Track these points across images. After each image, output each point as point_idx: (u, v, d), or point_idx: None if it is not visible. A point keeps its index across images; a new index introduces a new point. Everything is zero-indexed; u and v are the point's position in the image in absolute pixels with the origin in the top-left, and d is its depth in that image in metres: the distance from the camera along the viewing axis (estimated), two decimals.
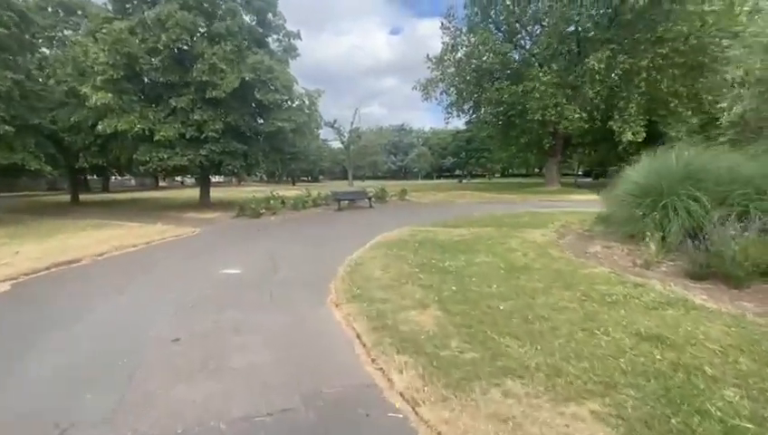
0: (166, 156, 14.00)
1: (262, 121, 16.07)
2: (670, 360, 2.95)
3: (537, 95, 21.96)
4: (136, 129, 13.40)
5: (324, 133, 61.02)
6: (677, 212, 5.71)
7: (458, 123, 37.30)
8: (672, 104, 21.12)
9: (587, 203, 18.17)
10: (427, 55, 29.72)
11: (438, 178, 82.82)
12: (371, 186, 25.56)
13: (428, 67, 30.22)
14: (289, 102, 16.52)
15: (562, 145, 28.17)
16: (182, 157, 14.26)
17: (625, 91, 21.52)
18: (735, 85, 20.01)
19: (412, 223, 11.28)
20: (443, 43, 28.89)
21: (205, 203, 18.02)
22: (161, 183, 49.57)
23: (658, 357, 2.99)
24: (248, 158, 15.89)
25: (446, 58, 29.16)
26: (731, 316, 3.64)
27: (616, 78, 21.42)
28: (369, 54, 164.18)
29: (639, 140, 21.44)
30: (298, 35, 16.48)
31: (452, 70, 28.91)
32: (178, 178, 48.42)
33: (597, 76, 20.91)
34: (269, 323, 4.21)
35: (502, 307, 4.14)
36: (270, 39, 16.86)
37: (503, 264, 5.96)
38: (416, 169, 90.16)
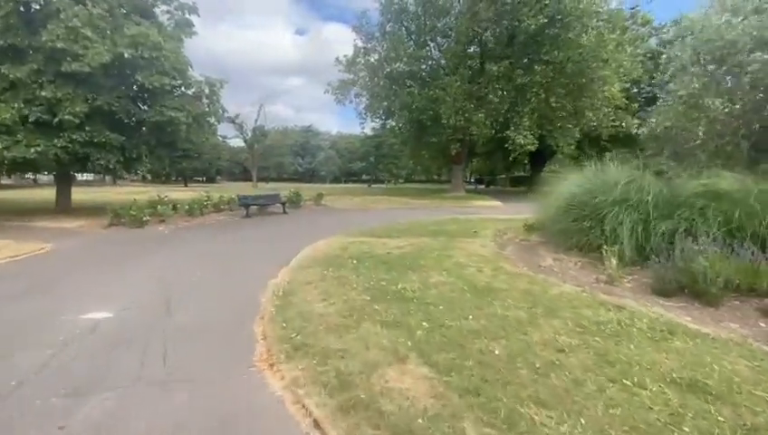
0: (0, 145, 10.26)
1: (146, 108, 13.04)
2: (733, 420, 2.34)
3: (449, 99, 22.56)
4: None
5: (223, 129, 55.36)
6: (631, 225, 5.61)
7: (374, 127, 36.96)
8: (559, 120, 23.68)
9: (495, 209, 19.16)
10: (337, 58, 28.78)
11: (346, 182, 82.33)
12: (278, 188, 23.45)
13: (339, 70, 29.29)
14: (183, 89, 13.79)
15: (467, 152, 29.74)
16: (27, 148, 10.63)
17: (520, 105, 23.44)
18: (603, 104, 23.67)
19: (337, 232, 10.04)
20: (355, 45, 28.27)
21: (64, 208, 13.99)
22: (4, 181, 38.89)
23: (720, 418, 2.37)
24: (127, 152, 12.72)
25: (358, 61, 28.55)
26: (736, 344, 3.31)
27: (513, 91, 23.16)
28: (274, 52, 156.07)
29: (532, 150, 23.56)
30: (194, 9, 13.85)
31: (364, 73, 28.41)
32: (30, 175, 38.54)
33: (497, 84, 22.32)
34: (159, 416, 2.61)
35: (497, 352, 3.24)
36: (158, 10, 13.87)
37: (462, 284, 5.16)
38: (323, 172, 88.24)
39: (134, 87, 12.63)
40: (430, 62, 27.70)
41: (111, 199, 18.54)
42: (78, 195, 26.94)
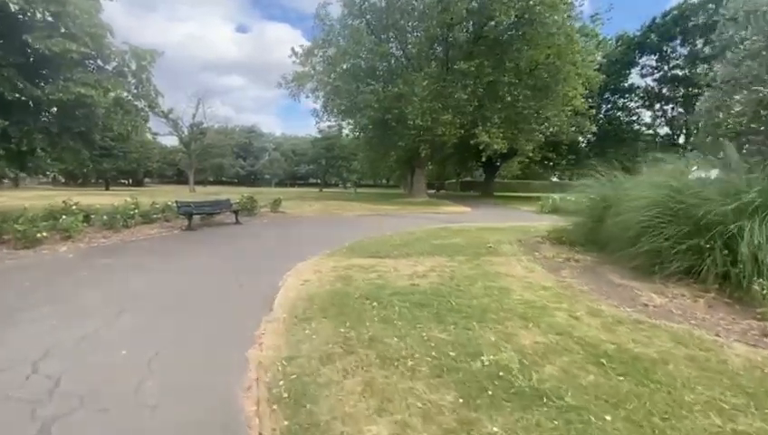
0: None
1: (45, 85, 9.59)
2: None
3: (415, 98, 20.98)
4: None
5: (154, 126, 49.03)
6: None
7: (329, 126, 34.51)
8: (523, 122, 23.15)
9: (468, 215, 17.83)
10: (293, 49, 26.09)
11: (292, 185, 78.29)
12: (220, 193, 20.17)
13: (294, 61, 26.59)
14: (99, 62, 10.49)
15: (430, 155, 28.42)
16: None
17: (489, 103, 22.54)
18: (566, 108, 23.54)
19: (318, 250, 7.73)
20: (314, 38, 25.85)
21: None
22: None
23: None
24: (13, 142, 9.20)
25: (315, 53, 26.08)
26: None
27: (481, 89, 22.21)
28: (211, 49, 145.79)
29: (503, 151, 22.76)
30: None
31: (321, 68, 26.00)
32: None
33: (465, 81, 21.18)
34: None
35: None
36: None
37: (579, 348, 3.24)
38: (267, 175, 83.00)
39: (26, 53, 9.16)
40: (392, 60, 26.06)
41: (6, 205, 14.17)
42: None
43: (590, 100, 27.99)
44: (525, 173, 65.69)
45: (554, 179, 71.78)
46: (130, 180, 62.65)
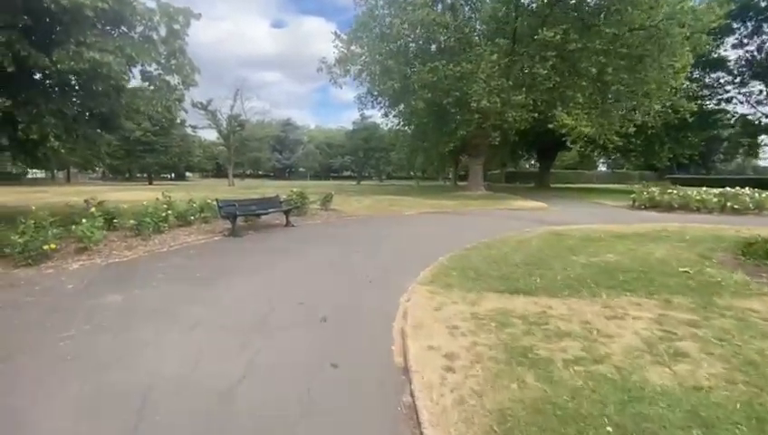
0: None
1: (54, 51, 7.52)
2: None
3: (483, 76, 17.86)
4: None
5: (192, 119, 48.57)
6: None
7: (354, 119, 31.89)
8: (616, 99, 19.41)
9: (551, 213, 14.71)
10: (335, 33, 23.61)
11: (327, 178, 76.70)
12: (257, 186, 18.18)
13: (335, 45, 24.11)
14: (124, 28, 8.38)
15: (496, 143, 25.03)
16: None
17: (570, 79, 18.97)
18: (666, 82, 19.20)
19: (409, 269, 5.27)
20: (356, 15, 23.20)
21: None
22: None
23: None
24: (20, 127, 7.25)
25: (361, 33, 23.41)
26: None
27: (563, 62, 18.63)
28: (248, 45, 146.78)
29: (587, 132, 19.15)
30: None
31: (368, 49, 23.33)
32: None
33: (546, 53, 17.69)
34: None
35: None
36: None
37: None
38: (302, 168, 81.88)
39: (30, 10, 7.11)
40: (452, 33, 22.87)
41: (35, 203, 12.65)
42: (12, 195, 20.48)
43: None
44: (578, 163, 60.27)
45: (602, 169, 65.21)
46: (173, 174, 63.29)
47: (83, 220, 7.17)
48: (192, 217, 9.74)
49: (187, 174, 68.07)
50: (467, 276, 5.20)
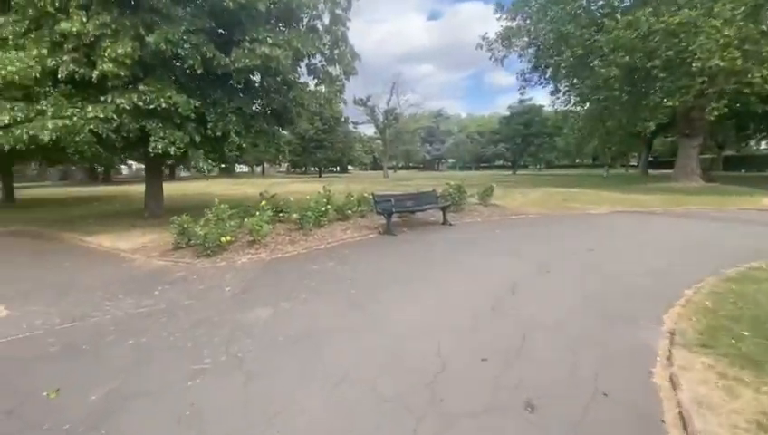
0: (7, 118, 6.23)
1: (233, 51, 7.90)
2: None
3: (717, 23, 12.74)
4: None
5: (351, 115, 52.91)
6: None
7: (533, 97, 27.78)
8: None
9: None
10: (498, 3, 21.07)
11: (477, 168, 73.15)
12: (409, 178, 17.41)
13: (498, 17, 21.52)
14: (292, 23, 8.39)
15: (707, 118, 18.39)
16: (55, 120, 6.45)
17: None
18: None
19: (638, 301, 3.04)
20: None
21: (153, 213, 10.28)
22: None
23: None
24: (209, 126, 7.92)
25: (527, 2, 20.22)
26: None
27: None
28: (405, 41, 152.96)
29: None
30: None
31: (532, 20, 20.00)
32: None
33: None
34: None
35: None
36: None
37: None
38: (452, 159, 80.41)
39: (213, 13, 7.54)
40: None
41: (222, 194, 15.00)
42: (219, 186, 25.74)
43: None
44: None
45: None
46: (338, 167, 70.91)
47: (257, 213, 7.41)
48: (349, 212, 9.44)
49: (349, 167, 75.09)
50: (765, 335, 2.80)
